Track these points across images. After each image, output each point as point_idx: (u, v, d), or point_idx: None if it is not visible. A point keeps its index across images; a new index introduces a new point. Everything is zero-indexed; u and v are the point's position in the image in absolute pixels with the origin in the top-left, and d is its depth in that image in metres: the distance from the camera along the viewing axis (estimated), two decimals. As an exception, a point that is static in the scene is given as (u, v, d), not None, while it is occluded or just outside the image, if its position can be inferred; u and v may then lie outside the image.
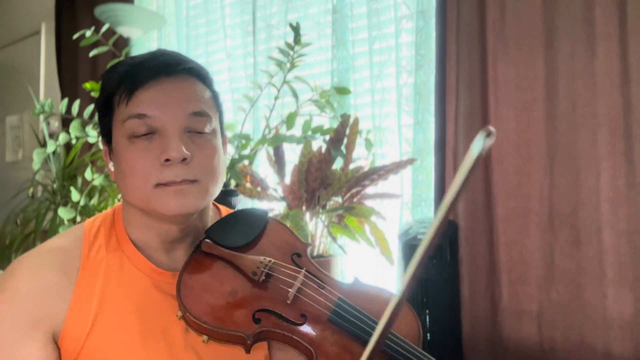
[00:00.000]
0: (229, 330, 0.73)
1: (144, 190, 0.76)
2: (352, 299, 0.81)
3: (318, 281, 0.81)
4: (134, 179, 0.76)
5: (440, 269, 1.56)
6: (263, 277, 0.78)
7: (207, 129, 0.79)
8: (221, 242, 0.83)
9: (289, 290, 0.78)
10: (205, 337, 0.73)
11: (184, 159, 0.75)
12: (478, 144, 0.47)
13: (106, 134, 0.82)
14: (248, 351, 0.74)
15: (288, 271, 0.81)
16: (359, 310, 0.79)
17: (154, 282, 0.82)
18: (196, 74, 0.82)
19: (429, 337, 1.50)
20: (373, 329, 0.75)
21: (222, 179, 0.83)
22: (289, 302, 0.77)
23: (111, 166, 0.83)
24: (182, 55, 0.82)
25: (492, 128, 0.48)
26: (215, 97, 0.84)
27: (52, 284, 0.77)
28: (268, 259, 0.81)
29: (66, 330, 0.77)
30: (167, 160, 0.75)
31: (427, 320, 1.52)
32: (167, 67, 0.78)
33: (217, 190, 0.82)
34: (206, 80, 0.84)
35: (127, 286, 0.81)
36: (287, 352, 0.84)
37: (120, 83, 0.78)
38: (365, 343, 0.74)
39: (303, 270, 0.81)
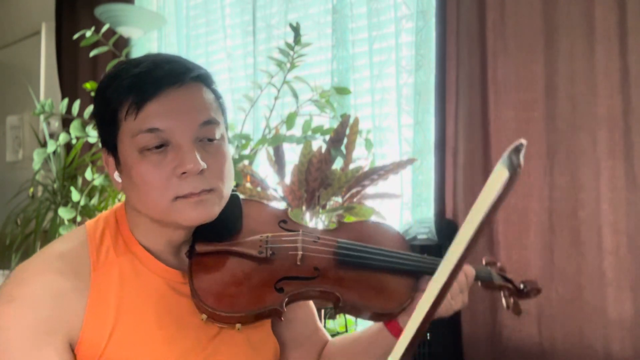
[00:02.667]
0: (262, 309, 0.78)
1: (162, 203, 0.76)
2: (346, 238, 0.90)
3: (313, 236, 0.89)
4: (151, 193, 0.76)
5: (440, 269, 1.56)
6: (270, 252, 0.83)
7: (217, 136, 0.80)
8: (213, 239, 0.84)
9: (297, 252, 0.84)
10: (238, 325, 0.77)
11: (201, 171, 0.76)
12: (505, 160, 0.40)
13: (110, 145, 0.80)
14: (281, 318, 0.79)
15: (287, 237, 0.87)
16: (357, 244, 0.89)
17: (168, 282, 0.82)
18: (201, 79, 0.81)
19: (428, 337, 1.50)
20: (377, 253, 0.87)
21: (232, 181, 0.84)
22: (298, 263, 0.84)
23: (117, 177, 0.81)
24: (184, 59, 0.81)
25: (523, 141, 0.41)
26: (218, 98, 0.84)
27: (66, 290, 0.75)
28: (265, 234, 0.86)
29: (84, 336, 0.75)
30: (184, 173, 0.75)
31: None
32: (174, 77, 0.77)
33: (229, 193, 0.83)
34: (210, 82, 0.83)
35: (143, 289, 0.80)
36: (298, 349, 0.96)
37: (126, 96, 0.75)
38: (376, 268, 0.86)
39: (300, 232, 0.88)
